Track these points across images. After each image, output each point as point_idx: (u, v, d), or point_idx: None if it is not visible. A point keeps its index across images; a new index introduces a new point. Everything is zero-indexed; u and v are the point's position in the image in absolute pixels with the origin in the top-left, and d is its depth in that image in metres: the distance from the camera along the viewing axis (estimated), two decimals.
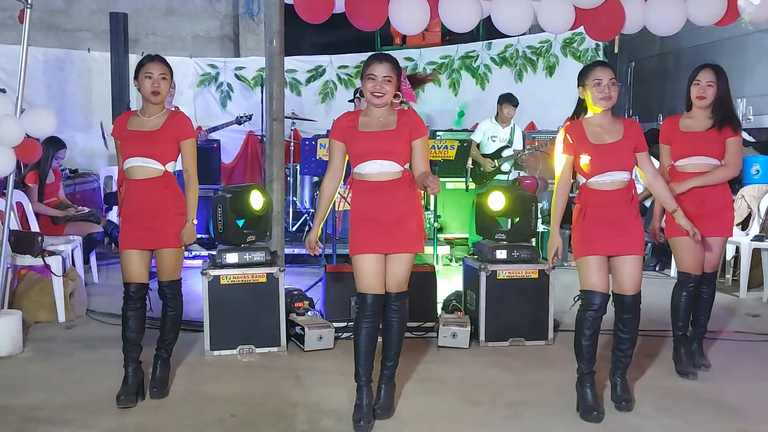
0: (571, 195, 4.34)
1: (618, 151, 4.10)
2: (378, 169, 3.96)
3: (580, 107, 4.25)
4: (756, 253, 7.01)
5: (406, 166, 3.99)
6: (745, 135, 7.18)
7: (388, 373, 4.13)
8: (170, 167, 4.33)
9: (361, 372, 3.97)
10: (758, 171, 7.78)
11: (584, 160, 4.09)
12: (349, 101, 8.56)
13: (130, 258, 4.28)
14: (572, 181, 4.25)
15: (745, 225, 7.26)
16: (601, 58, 10.98)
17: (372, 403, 4.03)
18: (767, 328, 5.93)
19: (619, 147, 4.10)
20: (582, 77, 4.16)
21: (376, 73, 3.93)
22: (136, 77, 4.33)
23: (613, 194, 4.09)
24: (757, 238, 6.81)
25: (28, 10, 5.18)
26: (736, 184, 7.19)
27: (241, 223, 5.54)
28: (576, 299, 4.17)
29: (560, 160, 4.19)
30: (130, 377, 4.27)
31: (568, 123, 4.27)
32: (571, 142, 4.14)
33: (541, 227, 8.28)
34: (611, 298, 4.16)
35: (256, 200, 5.42)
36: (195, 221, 4.36)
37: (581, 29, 6.35)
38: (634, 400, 4.26)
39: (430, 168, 4.05)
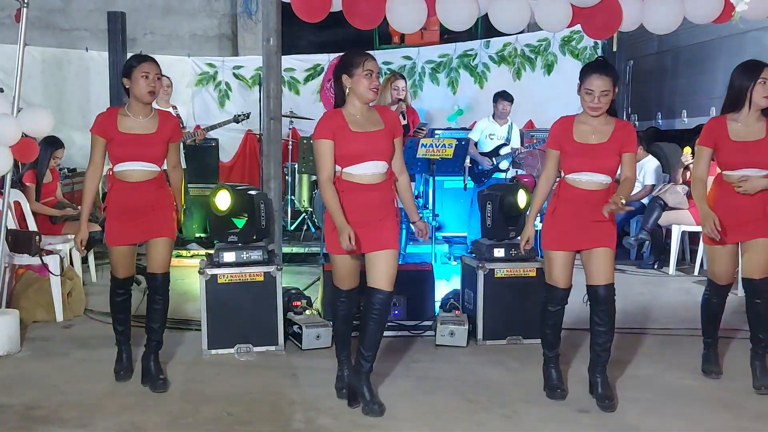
0: None
1: (599, 153, 4.10)
2: (372, 170, 3.99)
3: None
4: None
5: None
6: None
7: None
8: (163, 167, 4.43)
9: (340, 348, 4.31)
10: None
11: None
12: None
13: (123, 254, 4.44)
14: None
15: None
16: (599, 56, 10.96)
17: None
18: None
19: (600, 149, 4.10)
20: (580, 78, 4.11)
21: (372, 68, 3.97)
22: (127, 76, 4.31)
23: (588, 194, 4.12)
24: None
25: (25, 9, 5.19)
26: None
27: (241, 223, 5.53)
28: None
29: (548, 154, 4.25)
30: (124, 354, 4.64)
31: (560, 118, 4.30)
32: (557, 136, 4.21)
33: (539, 225, 8.27)
34: (586, 291, 4.24)
35: (222, 201, 5.37)
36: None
37: (578, 27, 6.35)
38: (616, 399, 4.25)
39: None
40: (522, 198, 5.72)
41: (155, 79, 4.31)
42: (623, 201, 3.97)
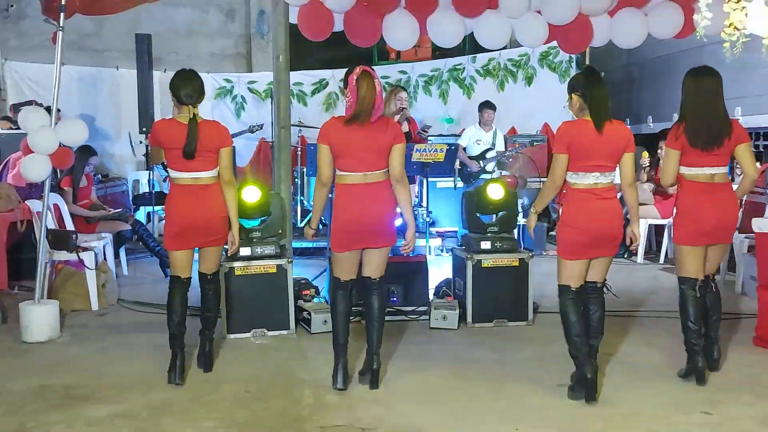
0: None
1: None
2: None
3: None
4: None
5: None
6: None
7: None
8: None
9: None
10: None
11: None
12: None
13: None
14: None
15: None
16: (574, 69, 10.94)
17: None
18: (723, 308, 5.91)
19: None
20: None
21: None
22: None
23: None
24: None
25: (60, 32, 5.17)
26: None
27: (253, 223, 5.51)
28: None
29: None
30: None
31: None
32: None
33: (522, 221, 8.27)
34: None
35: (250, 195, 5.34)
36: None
37: (555, 43, 6.34)
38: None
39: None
40: (494, 191, 5.68)
41: None
42: None
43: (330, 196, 4.16)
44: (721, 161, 4.21)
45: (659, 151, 7.69)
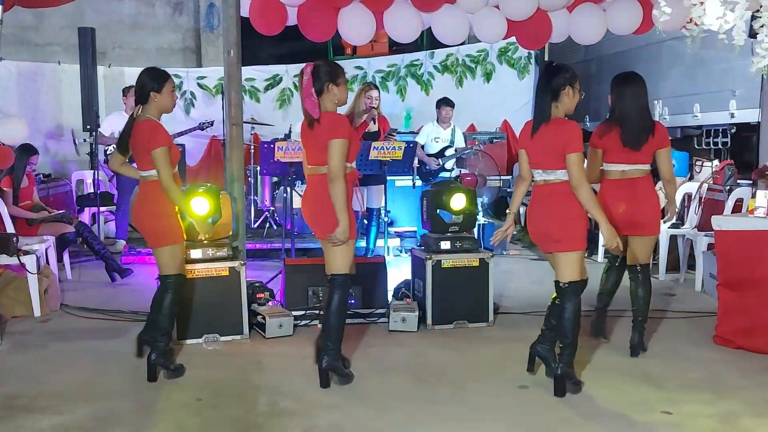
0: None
1: None
2: None
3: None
4: (672, 239, 7.16)
5: None
6: None
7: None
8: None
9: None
10: (674, 165, 7.91)
11: None
12: None
13: None
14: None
15: (663, 214, 7.37)
16: (533, 66, 11.09)
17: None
18: (682, 306, 6.05)
19: None
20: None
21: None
22: (157, 90, 4.33)
23: None
24: (673, 226, 6.94)
25: None
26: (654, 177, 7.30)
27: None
28: None
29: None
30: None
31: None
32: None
33: (482, 219, 8.34)
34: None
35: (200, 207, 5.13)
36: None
37: (514, 39, 6.40)
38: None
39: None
40: (457, 202, 5.69)
41: None
42: None
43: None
44: (638, 159, 4.61)
45: None
